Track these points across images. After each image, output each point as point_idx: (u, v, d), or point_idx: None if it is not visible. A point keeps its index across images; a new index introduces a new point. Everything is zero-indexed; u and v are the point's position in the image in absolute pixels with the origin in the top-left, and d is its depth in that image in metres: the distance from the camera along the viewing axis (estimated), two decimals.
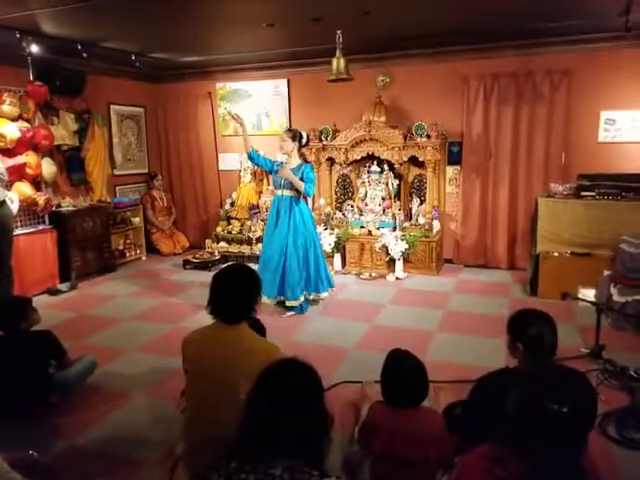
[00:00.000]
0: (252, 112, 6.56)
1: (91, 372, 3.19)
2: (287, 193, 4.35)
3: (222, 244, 6.33)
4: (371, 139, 5.59)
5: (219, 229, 6.49)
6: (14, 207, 4.75)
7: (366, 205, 5.88)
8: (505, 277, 5.50)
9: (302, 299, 4.39)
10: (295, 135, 4.36)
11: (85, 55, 5.16)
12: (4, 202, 4.54)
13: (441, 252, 5.93)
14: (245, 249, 6.15)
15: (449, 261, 6.03)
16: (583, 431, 1.36)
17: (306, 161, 4.69)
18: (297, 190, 4.31)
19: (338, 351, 3.65)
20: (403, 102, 5.86)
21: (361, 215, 5.91)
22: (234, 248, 6.23)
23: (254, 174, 6.54)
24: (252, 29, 4.69)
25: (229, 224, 6.53)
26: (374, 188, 5.83)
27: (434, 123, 5.42)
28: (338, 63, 4.41)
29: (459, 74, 5.55)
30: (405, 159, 5.58)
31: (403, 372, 2.10)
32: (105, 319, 4.44)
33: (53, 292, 5.14)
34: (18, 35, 4.54)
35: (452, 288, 5.14)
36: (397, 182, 5.86)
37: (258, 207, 6.49)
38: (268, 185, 6.56)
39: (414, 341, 3.58)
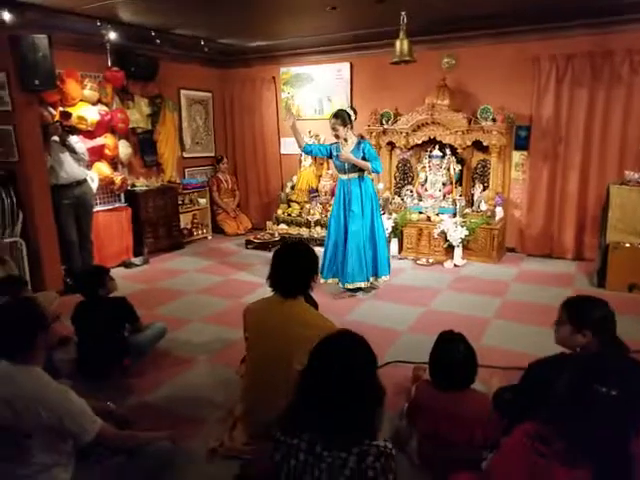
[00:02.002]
0: (314, 96, 6.65)
1: (161, 338, 3.45)
2: (352, 176, 4.31)
3: (282, 226, 6.51)
4: (433, 123, 5.51)
5: (279, 211, 6.68)
6: (94, 185, 5.15)
7: (426, 190, 5.83)
8: (571, 268, 5.29)
9: (362, 283, 4.40)
10: (344, 119, 4.23)
11: (158, 42, 5.45)
12: (85, 180, 4.95)
13: (503, 240, 5.79)
14: (304, 231, 6.29)
15: (511, 250, 5.87)
16: (632, 417, 1.35)
17: (362, 137, 4.64)
18: (362, 170, 4.29)
19: (390, 333, 3.70)
20: (468, 85, 5.71)
21: (420, 200, 5.87)
22: (293, 230, 6.39)
23: (314, 158, 6.64)
24: (316, 13, 4.75)
25: (289, 207, 6.70)
26: (435, 173, 5.77)
27: (500, 106, 5.26)
28: (402, 45, 4.37)
29: (529, 55, 5.32)
30: (468, 143, 5.47)
31: (452, 355, 2.13)
32: (173, 292, 4.74)
33: (128, 265, 5.54)
34: (99, 23, 4.86)
35: (513, 277, 5.02)
36: (459, 167, 5.76)
37: (317, 191, 6.60)
38: (328, 169, 6.66)
39: (469, 327, 3.54)
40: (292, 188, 6.82)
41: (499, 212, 5.58)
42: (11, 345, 1.91)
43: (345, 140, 4.29)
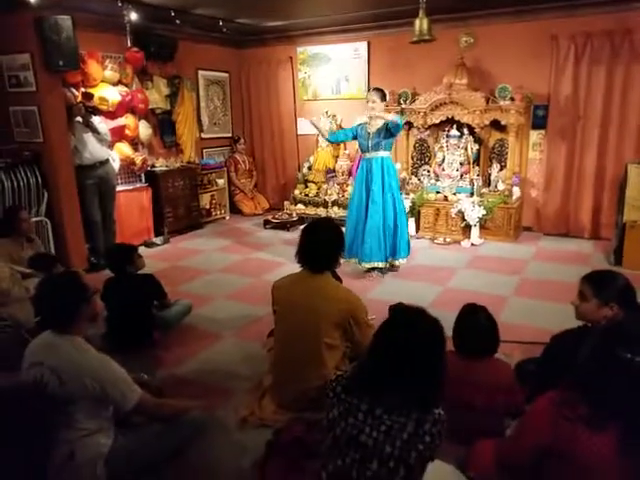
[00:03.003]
0: (331, 76, 6.64)
1: (187, 314, 3.57)
2: (375, 155, 4.30)
3: (299, 206, 6.57)
4: (451, 102, 5.49)
5: (297, 192, 6.73)
6: (116, 165, 5.24)
7: (443, 170, 5.84)
8: (588, 246, 5.30)
9: (380, 263, 4.42)
10: (383, 94, 4.28)
11: (178, 22, 5.46)
12: (108, 161, 5.04)
13: (520, 219, 5.80)
14: (321, 211, 6.34)
15: (528, 229, 5.88)
16: None
17: None
18: (386, 150, 4.29)
19: None
20: (486, 63, 5.66)
21: (437, 180, 5.88)
22: (311, 210, 6.45)
23: None
24: None
25: (306, 187, 6.74)
26: (452, 153, 5.76)
27: (519, 85, 5.23)
28: (421, 24, 4.34)
29: (548, 33, 5.26)
30: (486, 123, 5.45)
31: (474, 324, 2.22)
32: (195, 270, 4.85)
33: (149, 244, 5.66)
34: (120, 4, 4.87)
35: (530, 255, 5.06)
36: (477, 147, 5.75)
37: (334, 171, 6.63)
38: (345, 149, 6.67)
39: (488, 304, 3.50)
40: (309, 168, 6.86)
41: (516, 191, 5.59)
42: (56, 316, 2.01)
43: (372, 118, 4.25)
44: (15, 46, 4.38)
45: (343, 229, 4.28)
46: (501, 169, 5.68)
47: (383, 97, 4.29)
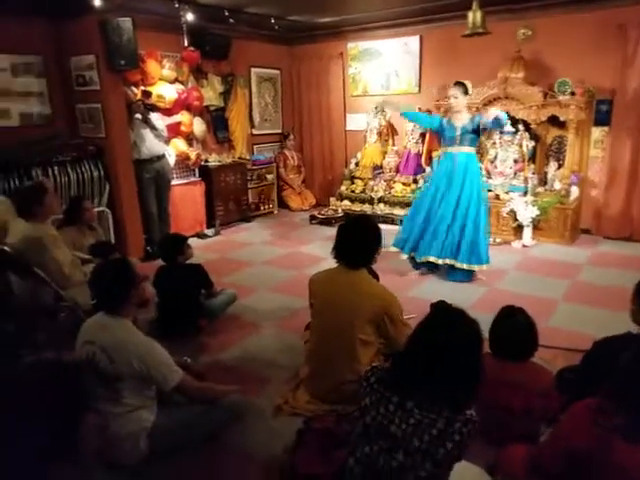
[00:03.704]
0: (381, 71, 6.60)
1: (231, 303, 3.70)
2: (462, 149, 4.13)
3: (345, 202, 6.59)
4: (506, 97, 5.32)
5: (343, 188, 6.74)
6: (171, 160, 5.48)
7: (495, 167, 5.68)
8: None
9: (436, 259, 4.21)
10: (465, 88, 4.13)
11: (232, 21, 5.61)
12: (164, 156, 5.27)
13: (577, 221, 5.53)
14: (367, 208, 6.33)
15: (586, 232, 5.60)
16: None
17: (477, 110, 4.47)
18: (471, 146, 4.14)
19: None
20: (545, 56, 5.43)
21: (489, 178, 5.72)
22: (356, 207, 6.45)
23: (380, 134, 6.62)
24: None
25: (353, 183, 6.74)
26: (506, 149, 5.59)
27: (580, 79, 4.99)
28: (474, 16, 4.23)
29: (614, 23, 4.97)
30: (543, 119, 5.24)
31: (512, 326, 2.17)
32: (242, 262, 5.00)
33: (201, 236, 5.88)
34: (177, 5, 5.08)
35: (586, 259, 4.83)
36: (532, 144, 5.54)
37: (382, 167, 6.60)
38: (393, 145, 6.62)
39: (535, 307, 3.39)
40: (356, 165, 6.86)
41: (574, 191, 5.34)
42: (107, 298, 2.17)
43: (459, 113, 4.14)
44: (82, 48, 4.68)
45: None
46: (559, 167, 5.45)
47: (465, 91, 4.14)
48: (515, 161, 5.57)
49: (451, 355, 1.45)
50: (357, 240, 2.42)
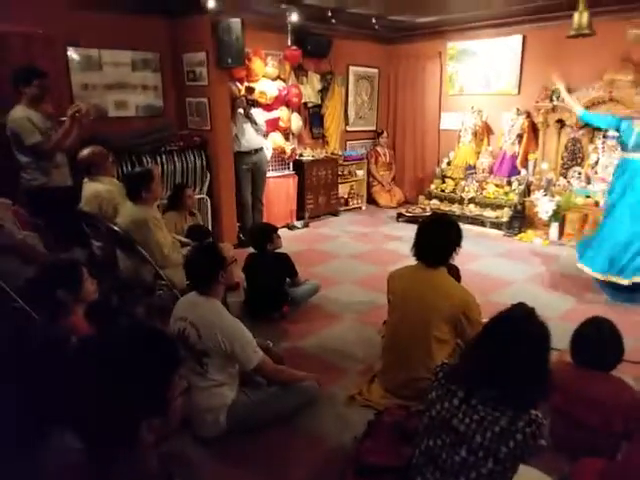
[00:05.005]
0: (480, 71, 6.42)
1: (315, 293, 3.88)
2: (638, 156, 3.84)
3: (434, 201, 6.53)
4: (611, 100, 4.99)
5: (433, 186, 6.68)
6: (268, 154, 5.78)
7: (596, 173, 5.34)
8: None
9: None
10: None
11: (334, 21, 5.76)
12: (262, 149, 5.58)
13: None
14: (456, 208, 6.23)
15: None
16: None
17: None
18: None
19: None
20: None
21: (589, 184, 5.40)
22: (445, 206, 6.36)
23: (475, 134, 6.46)
24: None
25: (443, 182, 6.66)
26: (609, 155, 5.23)
27: None
28: (580, 17, 4.00)
29: None
30: None
31: (596, 332, 2.13)
32: (328, 254, 5.18)
33: (291, 227, 6.15)
34: (283, 6, 5.33)
35: None
36: None
37: (475, 168, 6.44)
38: (488, 146, 6.44)
39: (628, 319, 3.32)
40: (448, 164, 6.76)
41: None
42: (200, 278, 2.39)
43: None
44: (194, 45, 5.05)
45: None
46: None
47: None
48: None
49: (517, 353, 1.48)
50: (436, 239, 2.47)
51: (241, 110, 5.28)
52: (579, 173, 5.54)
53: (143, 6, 4.80)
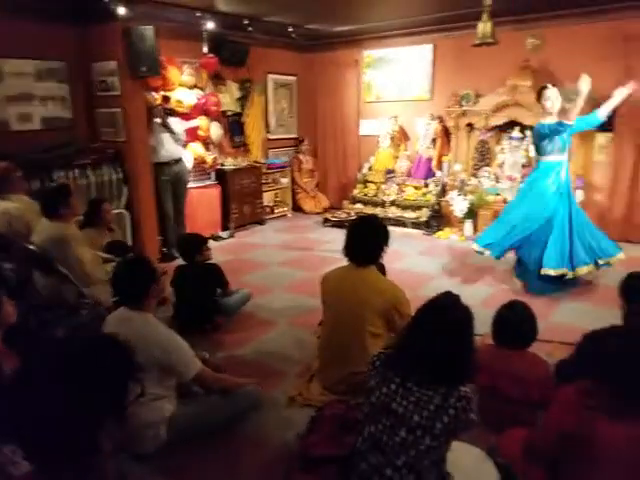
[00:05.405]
0: (395, 78, 6.73)
1: (246, 302, 3.85)
2: (564, 158, 4.05)
3: (358, 205, 6.73)
4: (514, 104, 5.45)
5: (356, 191, 6.88)
6: (189, 164, 5.65)
7: (503, 172, 5.79)
8: None
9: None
10: (559, 91, 4.04)
11: (250, 29, 5.78)
12: (181, 159, 5.44)
13: None
14: (379, 211, 6.44)
15: None
16: None
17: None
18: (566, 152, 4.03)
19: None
20: (553, 65, 5.53)
21: (497, 182, 5.84)
22: (368, 210, 6.56)
23: (392, 139, 6.75)
24: None
25: (365, 187, 6.88)
26: (514, 154, 5.70)
27: None
28: (484, 27, 4.34)
29: (621, 34, 5.08)
30: None
31: (512, 313, 2.35)
32: (256, 263, 5.16)
33: (215, 238, 6.03)
34: (198, 14, 5.27)
35: None
36: None
37: (394, 171, 6.73)
38: (405, 150, 6.76)
39: (537, 305, 3.60)
40: (369, 169, 7.00)
41: (579, 195, 5.40)
42: (130, 293, 2.31)
43: (550, 115, 4.06)
44: (105, 54, 4.84)
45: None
46: None
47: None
48: (523, 166, 5.68)
49: (445, 336, 1.61)
50: (366, 239, 2.57)
51: (158, 120, 5.13)
52: (488, 172, 5.97)
53: (48, 13, 4.54)
